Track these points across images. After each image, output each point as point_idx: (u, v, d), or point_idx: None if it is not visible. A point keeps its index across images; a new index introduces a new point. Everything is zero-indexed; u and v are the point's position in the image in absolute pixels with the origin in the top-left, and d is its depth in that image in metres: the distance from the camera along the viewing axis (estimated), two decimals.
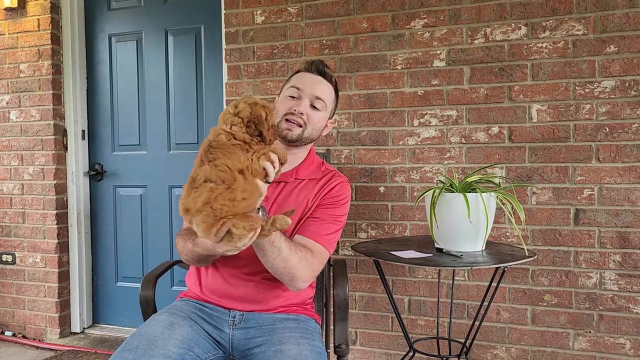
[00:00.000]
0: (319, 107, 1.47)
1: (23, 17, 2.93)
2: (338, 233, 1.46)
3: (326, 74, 1.51)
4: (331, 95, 1.52)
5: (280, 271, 1.27)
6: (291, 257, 1.25)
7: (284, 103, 1.47)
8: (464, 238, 1.83)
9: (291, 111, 1.44)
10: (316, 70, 1.51)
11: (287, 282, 1.31)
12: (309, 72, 1.51)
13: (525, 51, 2.18)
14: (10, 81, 2.97)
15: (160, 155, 2.92)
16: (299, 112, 1.43)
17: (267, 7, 2.53)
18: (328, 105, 1.51)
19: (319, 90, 1.47)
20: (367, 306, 2.44)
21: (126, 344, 1.23)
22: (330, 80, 1.52)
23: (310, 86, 1.47)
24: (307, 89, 1.46)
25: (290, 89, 1.48)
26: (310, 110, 1.46)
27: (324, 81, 1.50)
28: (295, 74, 1.54)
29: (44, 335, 2.97)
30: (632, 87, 2.06)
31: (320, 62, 1.53)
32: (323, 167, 1.56)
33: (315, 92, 1.46)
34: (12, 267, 3.02)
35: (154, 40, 2.89)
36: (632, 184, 2.08)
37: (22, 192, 2.98)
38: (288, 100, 1.47)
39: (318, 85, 1.48)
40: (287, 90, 1.49)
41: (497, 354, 2.26)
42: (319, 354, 1.27)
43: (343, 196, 1.50)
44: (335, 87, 1.55)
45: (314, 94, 1.46)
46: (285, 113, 1.44)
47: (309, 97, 1.46)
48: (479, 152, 2.26)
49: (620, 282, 2.10)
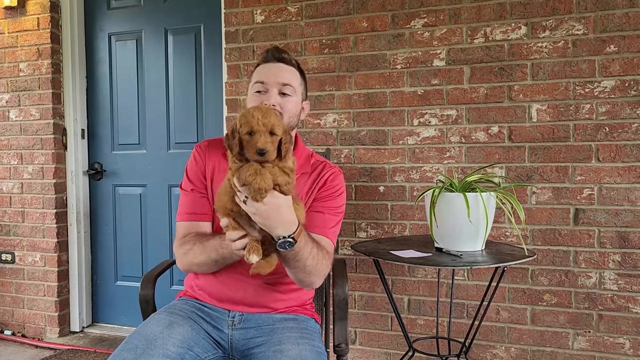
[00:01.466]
0: (288, 93, 1.43)
1: (23, 16, 2.92)
2: (339, 225, 1.46)
3: (285, 59, 1.46)
4: (297, 78, 1.47)
5: (301, 278, 1.30)
6: (312, 267, 1.26)
7: (252, 101, 1.43)
8: (463, 238, 1.83)
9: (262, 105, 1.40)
10: (274, 59, 1.45)
11: (305, 285, 1.33)
12: (268, 62, 1.46)
13: (525, 51, 2.18)
14: (9, 80, 2.97)
15: (159, 154, 2.91)
16: (271, 105, 1.39)
17: (267, 7, 2.52)
18: (297, 89, 1.46)
19: (284, 77, 1.43)
20: (367, 306, 2.44)
21: (125, 343, 1.22)
22: (292, 63, 1.47)
23: (274, 76, 1.42)
24: (271, 79, 1.42)
25: (255, 85, 1.44)
26: (281, 99, 1.42)
27: (286, 66, 1.45)
28: (255, 69, 1.49)
29: (43, 334, 2.97)
30: (632, 86, 2.06)
31: (275, 49, 1.47)
32: (313, 159, 1.52)
33: (280, 80, 1.42)
34: (12, 266, 3.02)
35: (154, 40, 2.89)
36: (631, 183, 2.08)
37: (22, 191, 2.98)
38: (256, 96, 1.43)
39: (281, 73, 1.43)
40: (252, 87, 1.45)
41: (496, 353, 2.27)
42: (318, 354, 1.26)
43: (339, 186, 1.48)
44: (298, 68, 1.50)
45: (279, 81, 1.42)
46: None
47: (276, 87, 1.42)
48: (479, 152, 2.26)
49: (620, 281, 2.10)
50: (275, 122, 1.11)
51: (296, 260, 1.23)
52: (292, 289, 1.43)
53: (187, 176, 1.47)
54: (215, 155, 1.47)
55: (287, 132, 1.16)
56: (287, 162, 1.14)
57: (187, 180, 1.47)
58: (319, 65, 2.46)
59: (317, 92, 2.46)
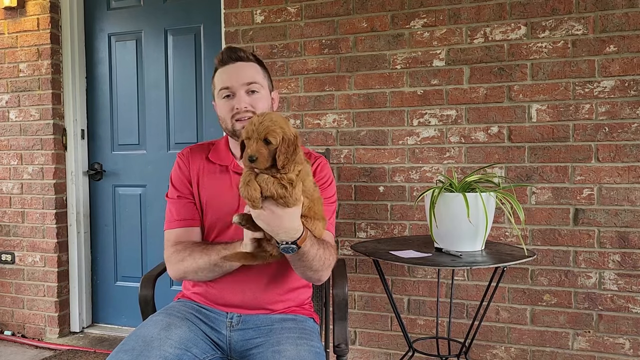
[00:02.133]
0: (256, 90, 1.41)
1: (23, 16, 2.92)
2: (334, 215, 1.49)
3: (242, 57, 1.43)
4: (259, 72, 1.45)
5: (308, 276, 1.33)
6: (319, 266, 1.28)
7: (223, 107, 1.42)
8: (463, 238, 1.83)
9: (235, 111, 1.39)
10: (231, 59, 1.42)
11: (312, 281, 1.38)
12: (226, 64, 1.43)
13: (525, 51, 2.18)
14: (9, 80, 2.97)
15: (159, 154, 2.91)
16: (243, 108, 1.38)
17: (267, 7, 2.52)
18: (262, 83, 1.44)
19: (247, 76, 1.41)
20: (367, 306, 2.44)
21: (122, 345, 1.23)
22: (250, 59, 1.45)
23: (237, 77, 1.40)
24: (234, 82, 1.39)
25: (221, 92, 1.42)
26: (250, 98, 1.40)
27: (245, 64, 1.43)
28: (215, 76, 1.46)
29: (43, 335, 2.97)
30: (631, 86, 2.06)
31: (229, 50, 1.44)
32: None
33: (244, 80, 1.40)
34: (12, 266, 3.02)
35: (154, 40, 2.89)
36: (631, 183, 2.08)
37: (22, 192, 2.98)
38: (225, 103, 1.41)
39: (243, 72, 1.41)
40: (218, 94, 1.43)
41: (496, 353, 2.26)
42: (317, 354, 1.26)
43: (328, 175, 1.48)
44: (257, 61, 1.47)
45: (244, 82, 1.39)
46: (232, 116, 1.39)
47: (242, 88, 1.39)
48: (479, 152, 2.26)
49: (620, 281, 2.10)
50: (270, 130, 1.08)
51: (301, 261, 1.25)
52: (290, 289, 1.43)
53: (172, 184, 1.48)
54: (199, 160, 1.48)
55: (288, 141, 1.11)
56: (289, 173, 1.11)
57: (173, 189, 1.47)
58: (318, 65, 2.46)
59: (316, 92, 2.46)
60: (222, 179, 1.44)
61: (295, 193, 1.11)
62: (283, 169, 1.10)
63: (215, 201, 1.42)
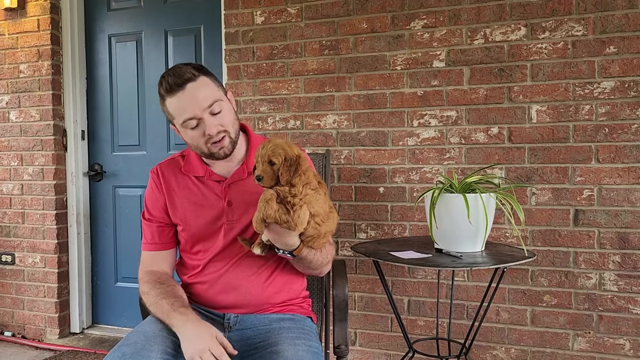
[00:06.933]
0: (217, 108, 1.35)
1: (23, 17, 2.93)
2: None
3: (188, 78, 1.33)
4: (209, 86, 1.36)
5: (309, 272, 1.45)
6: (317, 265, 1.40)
7: (193, 136, 1.36)
8: (463, 238, 1.83)
9: (207, 136, 1.34)
10: (178, 86, 1.32)
11: (314, 275, 1.51)
12: (176, 93, 1.33)
13: (525, 52, 2.18)
14: (10, 81, 2.97)
15: (160, 155, 2.91)
16: (215, 132, 1.34)
17: (267, 8, 2.53)
18: (219, 95, 1.37)
19: (205, 99, 1.33)
20: (367, 307, 2.44)
21: (125, 340, 1.25)
22: (195, 75, 1.34)
23: (196, 104, 1.32)
24: (196, 110, 1.32)
25: (186, 123, 1.34)
26: (217, 118, 1.35)
27: (195, 84, 1.33)
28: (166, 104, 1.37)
29: (43, 336, 2.97)
30: (631, 87, 2.06)
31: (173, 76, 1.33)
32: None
33: (204, 105, 1.33)
34: (12, 267, 3.02)
35: (154, 41, 2.89)
36: (631, 184, 2.08)
37: (22, 193, 2.98)
38: (194, 132, 1.35)
39: (198, 96, 1.33)
40: (182, 126, 1.36)
41: (496, 354, 2.26)
42: (315, 354, 1.26)
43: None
44: (200, 71, 1.36)
45: (203, 106, 1.32)
46: (205, 142, 1.36)
47: (205, 113, 1.33)
48: (479, 153, 2.26)
49: (620, 282, 2.10)
50: (271, 153, 1.22)
51: (300, 263, 1.37)
52: (284, 281, 1.44)
53: (146, 205, 1.50)
54: (172, 175, 1.48)
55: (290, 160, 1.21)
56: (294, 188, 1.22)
57: (146, 210, 1.50)
58: (318, 66, 2.46)
59: (317, 93, 2.46)
60: (200, 189, 1.44)
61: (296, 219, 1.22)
62: (287, 184, 1.22)
63: (195, 212, 1.42)
